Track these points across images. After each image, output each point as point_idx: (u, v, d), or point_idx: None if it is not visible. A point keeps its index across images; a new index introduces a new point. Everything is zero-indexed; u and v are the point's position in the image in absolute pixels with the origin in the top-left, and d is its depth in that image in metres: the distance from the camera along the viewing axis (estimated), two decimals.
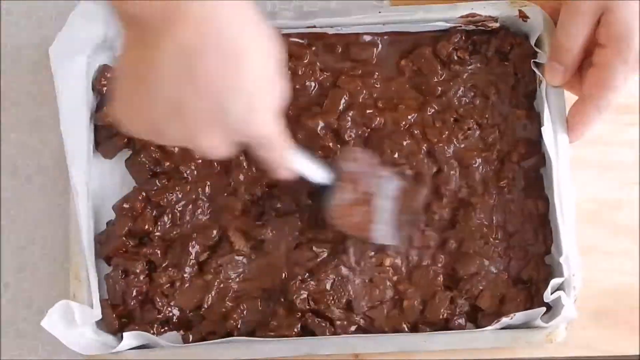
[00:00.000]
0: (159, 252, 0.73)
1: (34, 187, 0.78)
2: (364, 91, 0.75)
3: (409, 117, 0.74)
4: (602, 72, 0.66)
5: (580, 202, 0.74)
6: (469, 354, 0.72)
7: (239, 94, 0.53)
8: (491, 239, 0.72)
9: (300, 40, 0.76)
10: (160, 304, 0.72)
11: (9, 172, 0.79)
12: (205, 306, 0.73)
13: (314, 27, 0.75)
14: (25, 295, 0.77)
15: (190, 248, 0.73)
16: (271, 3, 0.81)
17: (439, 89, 0.75)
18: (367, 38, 0.76)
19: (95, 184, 0.74)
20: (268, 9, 0.80)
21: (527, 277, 0.72)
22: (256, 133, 0.57)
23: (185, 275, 0.73)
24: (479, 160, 0.74)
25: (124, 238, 0.73)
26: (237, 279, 0.73)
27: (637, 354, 0.74)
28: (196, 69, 0.51)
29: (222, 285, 0.73)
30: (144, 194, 0.74)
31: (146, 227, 0.74)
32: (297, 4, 0.80)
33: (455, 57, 0.75)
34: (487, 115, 0.74)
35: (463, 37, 0.75)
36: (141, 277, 0.73)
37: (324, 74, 0.76)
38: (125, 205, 0.74)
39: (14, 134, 0.79)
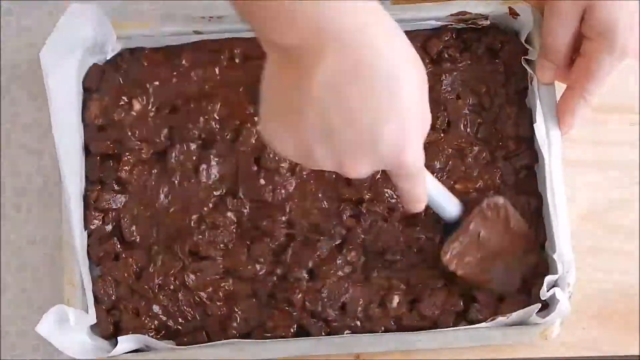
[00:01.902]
0: (145, 253, 0.73)
1: (34, 187, 0.79)
2: None
3: None
4: (589, 63, 0.67)
5: (580, 202, 0.75)
6: (469, 354, 0.72)
7: (391, 123, 0.51)
8: None
9: None
10: (153, 309, 0.72)
11: (9, 172, 0.79)
12: (192, 312, 0.73)
13: None
14: (25, 295, 0.77)
15: (174, 249, 0.73)
16: None
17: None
18: None
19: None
20: None
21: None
22: (405, 163, 0.55)
23: (172, 277, 0.73)
24: (470, 158, 0.74)
25: (111, 241, 0.73)
26: (229, 281, 0.73)
27: (637, 354, 0.73)
28: (347, 99, 0.50)
29: (210, 288, 0.73)
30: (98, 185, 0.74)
31: (108, 204, 0.73)
32: None
33: (446, 55, 0.75)
34: (478, 113, 0.74)
35: (454, 36, 0.75)
36: (130, 281, 0.73)
37: None
38: (94, 210, 0.74)
39: (14, 134, 0.79)
